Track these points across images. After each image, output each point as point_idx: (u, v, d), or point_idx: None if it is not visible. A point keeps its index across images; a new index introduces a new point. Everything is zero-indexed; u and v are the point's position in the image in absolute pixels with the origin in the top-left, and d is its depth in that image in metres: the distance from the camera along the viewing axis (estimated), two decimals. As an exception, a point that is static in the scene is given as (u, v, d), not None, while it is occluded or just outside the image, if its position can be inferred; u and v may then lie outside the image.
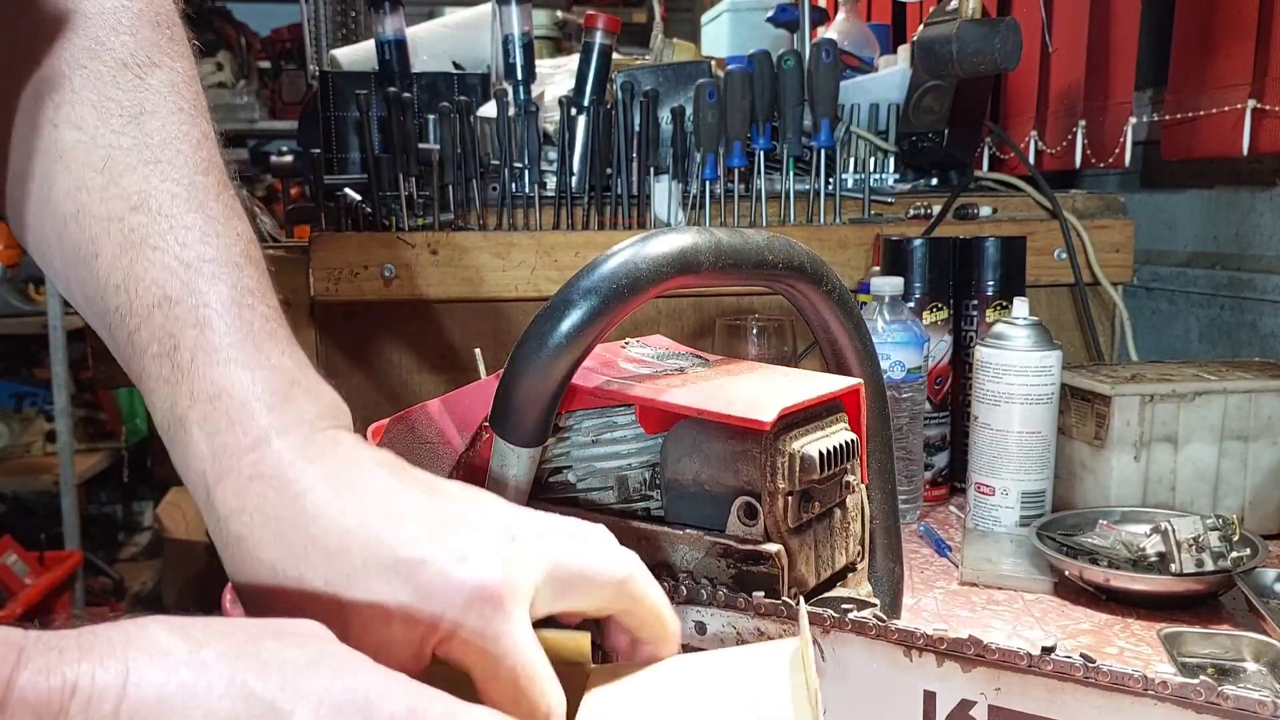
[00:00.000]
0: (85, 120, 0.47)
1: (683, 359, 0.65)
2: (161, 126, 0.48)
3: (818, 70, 1.35)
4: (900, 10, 2.12)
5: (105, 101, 0.48)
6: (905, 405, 1.08)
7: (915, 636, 0.49)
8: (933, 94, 1.40)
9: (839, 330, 0.66)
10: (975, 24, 1.30)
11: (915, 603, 0.89)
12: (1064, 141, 1.58)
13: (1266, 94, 1.23)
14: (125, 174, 0.47)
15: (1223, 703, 0.43)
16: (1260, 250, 1.35)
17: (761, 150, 1.37)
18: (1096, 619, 0.85)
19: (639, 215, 1.38)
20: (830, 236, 1.36)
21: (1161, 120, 1.42)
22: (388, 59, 1.49)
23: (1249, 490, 1.03)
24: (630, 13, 2.47)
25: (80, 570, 3.24)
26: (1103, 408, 1.02)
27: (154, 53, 0.49)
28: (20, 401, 3.70)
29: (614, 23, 1.44)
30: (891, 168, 1.46)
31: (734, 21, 2.00)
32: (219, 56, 4.05)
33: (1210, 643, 0.78)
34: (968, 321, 1.21)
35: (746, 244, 0.59)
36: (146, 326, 0.45)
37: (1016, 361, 0.99)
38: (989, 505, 1.02)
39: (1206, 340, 1.45)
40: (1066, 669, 0.46)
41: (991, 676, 0.48)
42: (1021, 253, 1.22)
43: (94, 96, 0.48)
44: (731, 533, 0.55)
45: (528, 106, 1.37)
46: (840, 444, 0.58)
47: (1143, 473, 1.02)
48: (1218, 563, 0.84)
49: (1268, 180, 1.34)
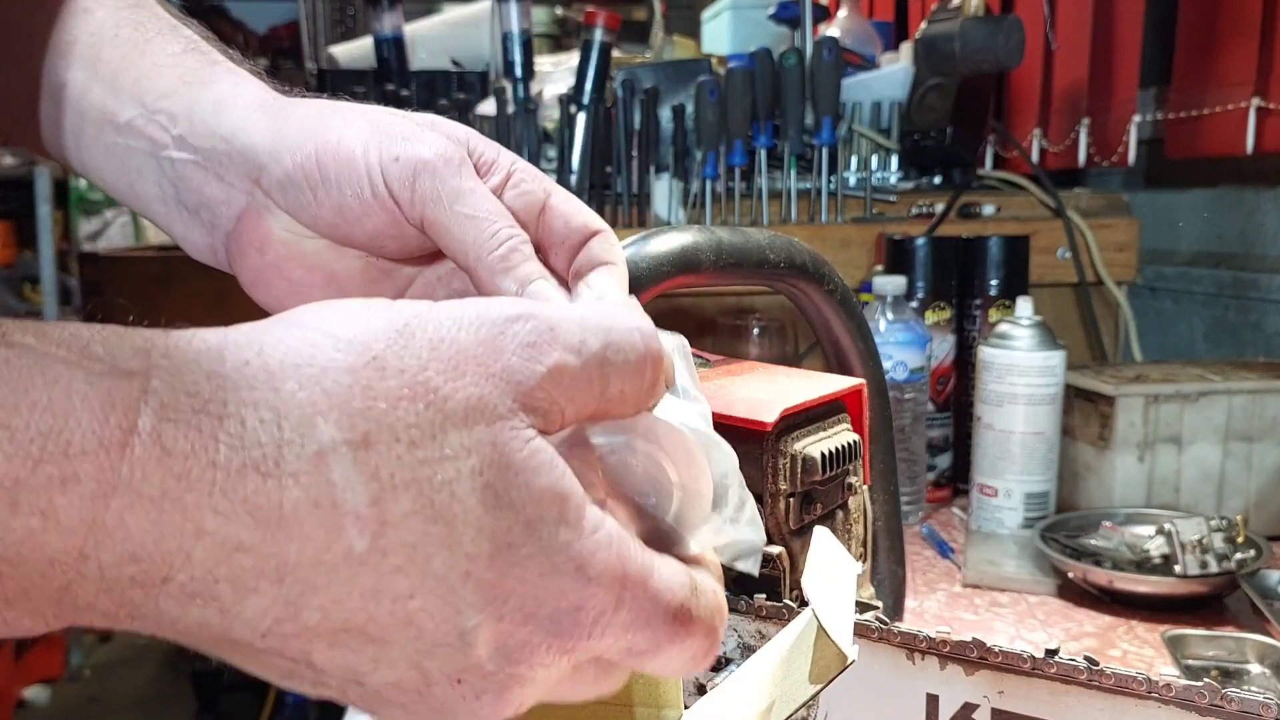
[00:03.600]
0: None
1: (683, 358, 0.64)
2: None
3: (819, 68, 1.34)
4: (902, 7, 2.12)
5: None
6: (908, 406, 1.08)
7: (918, 639, 0.49)
8: (935, 92, 1.39)
9: (841, 330, 0.66)
10: (978, 21, 1.30)
11: (918, 605, 0.89)
12: (1067, 140, 1.57)
13: (1271, 92, 1.22)
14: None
15: (1227, 705, 0.43)
16: (1265, 250, 1.34)
17: (763, 148, 1.36)
18: (1100, 621, 0.85)
19: (639, 213, 1.37)
20: (832, 235, 1.35)
21: (1165, 119, 1.41)
22: (386, 56, 1.49)
23: (1253, 491, 1.02)
24: (630, 10, 2.46)
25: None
26: (1106, 408, 1.01)
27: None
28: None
29: (614, 20, 1.43)
30: (894, 166, 1.45)
31: (735, 19, 1.99)
32: (217, 54, 4.05)
33: (1214, 645, 0.77)
34: (971, 321, 1.20)
35: (748, 243, 0.59)
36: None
37: (1020, 362, 0.99)
38: (992, 507, 1.01)
39: (1211, 340, 1.44)
40: (1070, 671, 0.46)
41: (995, 679, 0.48)
42: (1025, 252, 1.21)
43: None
44: (732, 534, 0.55)
45: (527, 104, 1.36)
46: (842, 445, 0.57)
47: (1147, 474, 1.01)
48: (1222, 564, 0.84)
49: (1272, 179, 1.33)
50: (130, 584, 0.26)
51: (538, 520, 0.29)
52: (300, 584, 0.27)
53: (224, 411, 0.27)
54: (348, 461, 0.27)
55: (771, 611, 0.52)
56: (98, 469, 0.25)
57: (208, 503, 0.26)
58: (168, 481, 0.26)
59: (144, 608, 0.27)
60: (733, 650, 0.54)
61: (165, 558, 0.26)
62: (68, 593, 0.26)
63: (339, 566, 0.28)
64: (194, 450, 0.26)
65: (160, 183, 0.45)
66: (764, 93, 1.36)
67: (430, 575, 0.28)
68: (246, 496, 0.26)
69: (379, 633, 0.29)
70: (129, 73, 0.46)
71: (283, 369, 0.28)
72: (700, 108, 1.35)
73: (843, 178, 1.38)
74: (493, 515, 0.29)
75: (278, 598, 0.27)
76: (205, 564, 0.26)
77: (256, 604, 0.27)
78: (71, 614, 0.27)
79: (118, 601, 0.26)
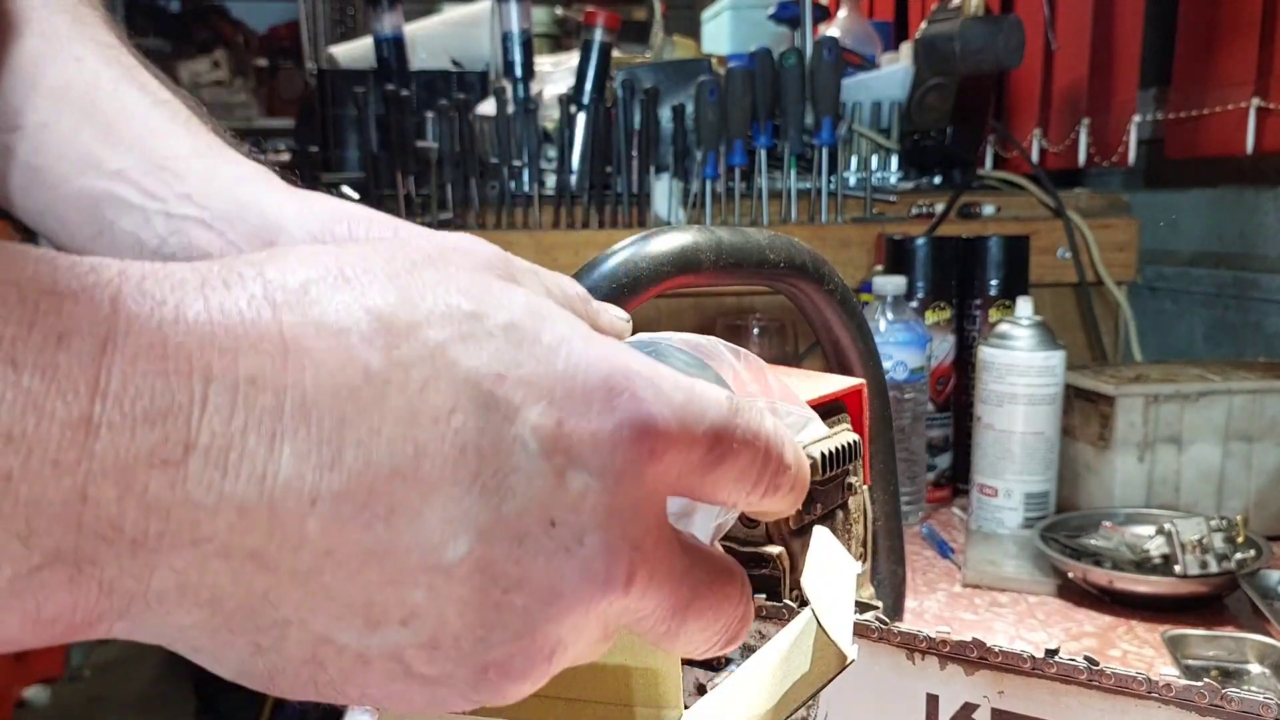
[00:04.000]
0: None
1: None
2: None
3: (819, 68, 1.34)
4: (902, 7, 2.12)
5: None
6: (908, 406, 1.08)
7: (918, 639, 0.49)
8: (935, 92, 1.39)
9: (841, 330, 0.66)
10: (978, 21, 1.30)
11: (918, 605, 0.89)
12: (1067, 140, 1.57)
13: (1271, 92, 1.22)
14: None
15: (1227, 705, 0.43)
16: (1265, 250, 1.34)
17: (763, 148, 1.36)
18: (1100, 621, 0.85)
19: (639, 214, 1.37)
20: (832, 235, 1.35)
21: (1165, 119, 1.41)
22: (386, 56, 1.49)
23: (1253, 491, 1.02)
24: (630, 10, 2.46)
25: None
26: (1106, 408, 1.01)
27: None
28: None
29: (614, 20, 1.43)
30: (894, 166, 1.45)
31: (735, 19, 1.99)
32: (215, 54, 4.04)
33: (1214, 645, 0.77)
34: (971, 321, 1.20)
35: (748, 243, 0.59)
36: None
37: (1020, 361, 0.98)
38: (992, 507, 1.01)
39: (1210, 340, 1.44)
40: (1070, 671, 0.46)
41: (995, 679, 0.48)
42: (1025, 252, 1.21)
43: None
44: (732, 534, 0.55)
45: (527, 104, 1.36)
46: (842, 445, 0.57)
47: (1146, 474, 1.01)
48: (1222, 564, 0.84)
49: (1272, 179, 1.33)
50: (150, 465, 0.23)
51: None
52: (328, 418, 0.25)
53: (209, 271, 0.26)
54: (339, 287, 0.26)
55: (771, 611, 0.52)
56: (93, 322, 0.23)
57: (210, 342, 0.24)
58: (165, 328, 0.24)
59: (174, 510, 0.24)
60: (733, 650, 0.54)
61: (180, 414, 0.24)
62: (86, 505, 0.23)
63: (361, 389, 0.25)
64: (185, 300, 0.25)
65: (142, 230, 0.44)
66: (764, 93, 1.36)
67: (463, 380, 0.26)
68: (246, 329, 0.25)
69: (436, 471, 0.26)
70: (131, 127, 0.46)
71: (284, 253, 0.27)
72: (700, 108, 1.35)
73: (843, 178, 1.38)
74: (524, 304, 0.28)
75: (311, 440, 0.25)
76: (223, 412, 0.24)
77: (292, 454, 0.25)
78: (94, 548, 0.23)
79: (142, 507, 0.23)
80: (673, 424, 0.28)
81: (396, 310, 0.26)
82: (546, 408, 0.27)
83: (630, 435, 0.27)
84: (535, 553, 0.27)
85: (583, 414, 0.27)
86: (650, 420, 0.28)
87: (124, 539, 0.24)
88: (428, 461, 0.26)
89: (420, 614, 0.26)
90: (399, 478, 0.25)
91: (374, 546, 0.26)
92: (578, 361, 0.27)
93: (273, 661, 0.26)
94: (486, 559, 0.26)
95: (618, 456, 0.27)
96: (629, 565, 0.28)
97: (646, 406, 0.28)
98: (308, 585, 0.25)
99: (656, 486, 0.29)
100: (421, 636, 0.27)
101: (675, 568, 0.30)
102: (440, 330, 0.26)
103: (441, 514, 0.26)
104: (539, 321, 0.28)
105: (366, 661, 0.27)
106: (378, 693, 0.28)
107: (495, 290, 0.28)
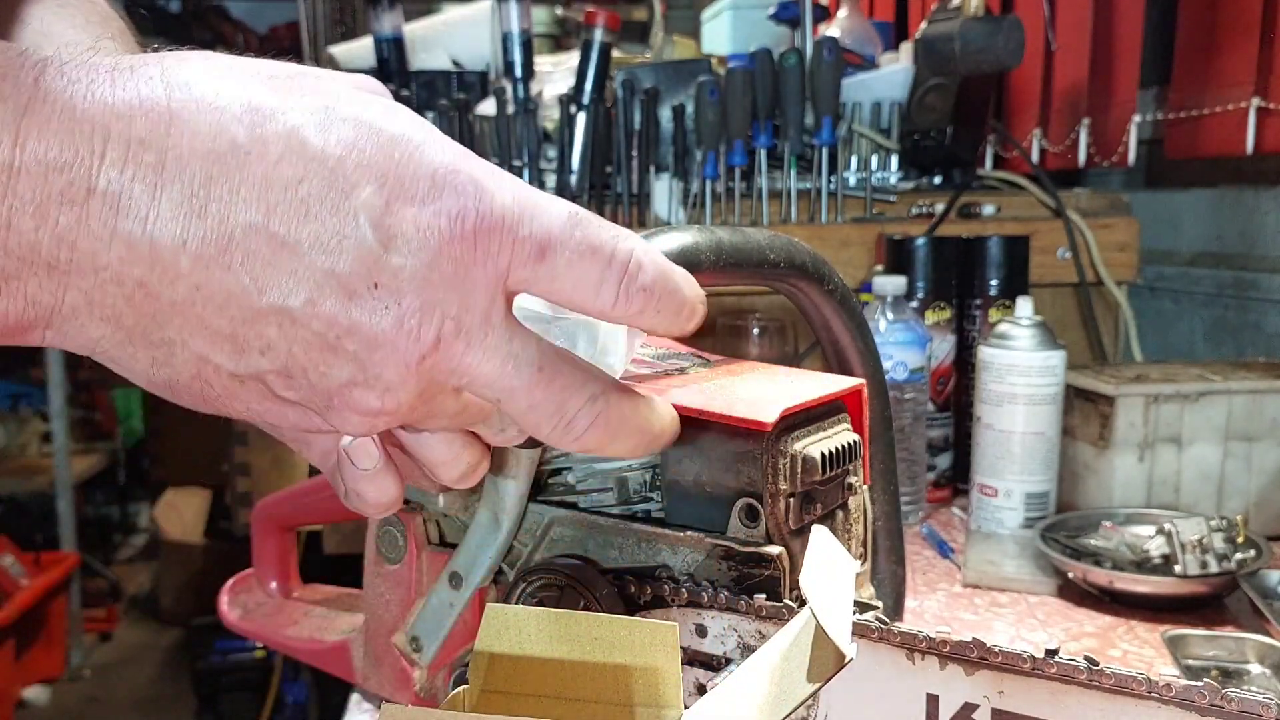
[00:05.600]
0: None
1: (683, 359, 0.64)
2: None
3: (819, 68, 1.34)
4: (902, 7, 2.12)
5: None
6: (908, 406, 1.08)
7: (918, 639, 0.49)
8: (935, 92, 1.39)
9: (841, 330, 0.66)
10: (978, 21, 1.30)
11: (918, 605, 0.89)
12: (1067, 140, 1.57)
13: (1271, 92, 1.22)
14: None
15: (1227, 705, 0.43)
16: (1265, 250, 1.34)
17: (763, 148, 1.36)
18: (1100, 621, 0.85)
19: (639, 214, 1.37)
20: (832, 235, 1.35)
21: (1165, 119, 1.41)
22: (385, 56, 1.49)
23: (1253, 491, 1.02)
24: (630, 10, 2.46)
25: (77, 571, 3.24)
26: (1106, 408, 1.01)
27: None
28: (16, 402, 3.69)
29: (614, 20, 1.43)
30: (894, 166, 1.45)
31: (735, 19, 1.99)
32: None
33: (1214, 645, 0.77)
34: (971, 321, 1.20)
35: (748, 243, 0.59)
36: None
37: (1020, 361, 0.98)
38: (992, 507, 1.01)
39: (1211, 340, 1.44)
40: (1070, 671, 0.46)
41: (995, 679, 0.48)
42: (1025, 252, 1.21)
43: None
44: (733, 535, 0.55)
45: (527, 104, 1.36)
46: (842, 445, 0.57)
47: (1147, 474, 1.01)
48: (1222, 564, 0.84)
49: (1272, 179, 1.33)
50: (60, 203, 0.30)
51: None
52: (198, 176, 0.31)
53: (121, 61, 0.32)
54: (224, 78, 0.32)
55: (771, 611, 0.52)
56: (17, 91, 0.29)
57: (110, 111, 0.30)
58: (76, 99, 0.30)
59: (79, 241, 0.30)
60: (732, 650, 0.54)
61: (83, 165, 0.30)
62: (10, 233, 0.29)
63: (226, 156, 0.31)
64: (96, 80, 0.30)
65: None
66: (764, 93, 1.36)
67: (311, 158, 0.32)
68: (140, 103, 0.31)
69: (283, 229, 0.31)
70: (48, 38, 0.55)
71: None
72: (700, 108, 1.35)
73: (843, 178, 1.38)
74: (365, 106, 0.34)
75: (184, 191, 0.31)
76: (117, 165, 0.30)
77: (169, 201, 0.31)
78: (17, 268, 0.30)
79: (55, 236, 0.30)
80: (492, 219, 0.34)
81: (266, 99, 0.32)
82: (378, 189, 0.32)
83: (445, 222, 0.33)
84: (362, 308, 0.33)
85: (409, 199, 0.33)
86: (464, 212, 0.33)
87: (41, 261, 0.30)
88: (276, 220, 0.32)
89: (274, 347, 0.33)
90: (253, 231, 0.31)
91: (233, 287, 0.32)
92: (413, 154, 0.33)
93: (168, 374, 0.33)
94: (323, 308, 0.32)
95: (432, 238, 0.33)
96: (438, 328, 0.33)
97: (466, 200, 0.33)
98: (186, 314, 0.32)
99: (485, 274, 0.34)
100: (277, 364, 0.33)
101: (505, 349, 0.35)
102: (298, 116, 0.32)
103: (287, 266, 0.32)
104: (388, 118, 0.33)
105: (241, 381, 0.33)
106: (257, 408, 0.35)
107: (357, 96, 0.34)
